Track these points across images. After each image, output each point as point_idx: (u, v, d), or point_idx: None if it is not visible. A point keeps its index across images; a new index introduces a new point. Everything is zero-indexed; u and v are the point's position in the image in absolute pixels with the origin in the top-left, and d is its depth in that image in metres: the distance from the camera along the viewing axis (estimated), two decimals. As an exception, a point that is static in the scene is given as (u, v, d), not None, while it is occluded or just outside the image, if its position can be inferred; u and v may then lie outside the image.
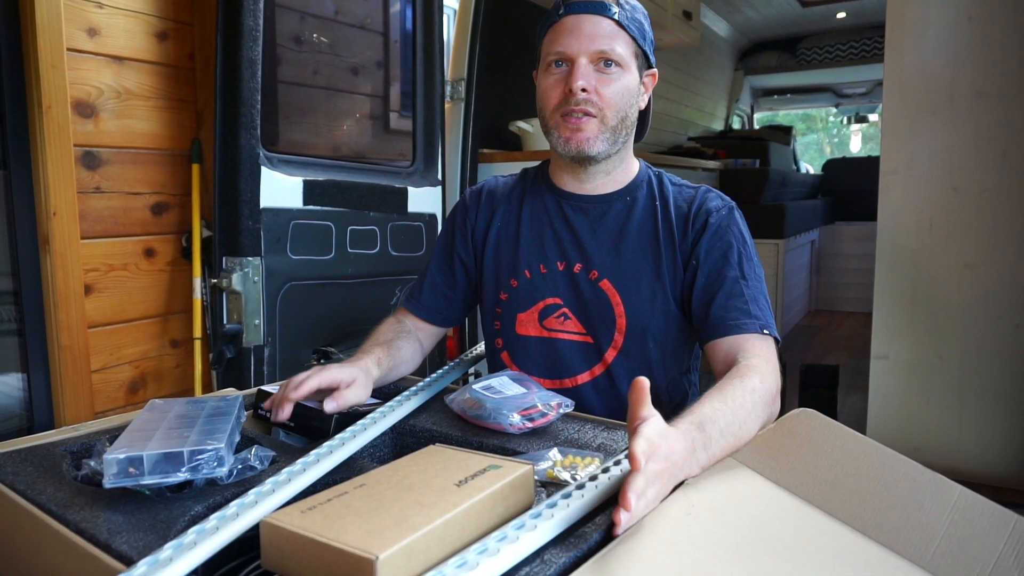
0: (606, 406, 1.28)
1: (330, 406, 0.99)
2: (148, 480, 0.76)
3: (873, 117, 7.54)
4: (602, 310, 1.26)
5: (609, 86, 1.18)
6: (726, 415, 0.89)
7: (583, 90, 1.16)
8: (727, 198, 1.27)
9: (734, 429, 0.89)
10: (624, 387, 1.26)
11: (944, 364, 2.44)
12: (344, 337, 2.12)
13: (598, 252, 1.26)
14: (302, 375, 1.04)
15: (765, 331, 1.12)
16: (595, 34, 1.17)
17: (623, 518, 0.70)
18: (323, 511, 0.67)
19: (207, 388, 2.04)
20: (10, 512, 0.78)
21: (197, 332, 2.00)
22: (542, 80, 1.23)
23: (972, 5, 2.32)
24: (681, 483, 0.81)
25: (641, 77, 1.25)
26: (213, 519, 0.70)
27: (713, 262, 1.20)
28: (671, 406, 1.31)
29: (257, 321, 1.85)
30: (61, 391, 1.77)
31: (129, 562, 0.66)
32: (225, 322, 1.84)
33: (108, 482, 0.75)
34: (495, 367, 1.37)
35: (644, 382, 0.81)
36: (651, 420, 0.79)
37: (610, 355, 1.26)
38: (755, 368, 1.02)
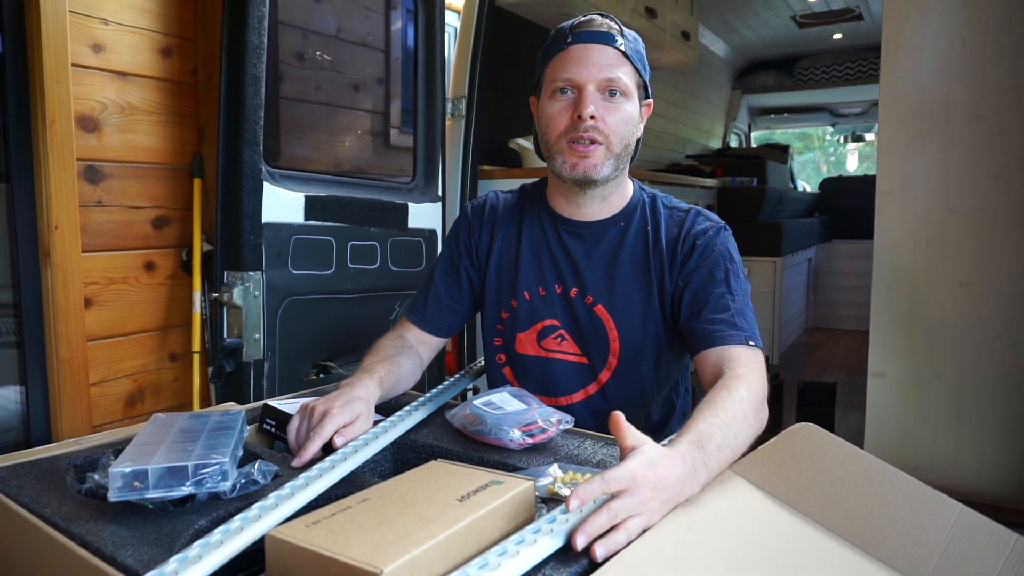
0: (599, 424, 1.29)
1: (340, 441, 0.99)
2: (153, 494, 0.76)
3: (869, 136, 7.60)
4: (597, 334, 1.29)
5: (615, 114, 1.20)
6: (721, 429, 0.91)
7: (592, 116, 1.18)
8: (716, 219, 1.29)
9: (730, 441, 0.91)
10: (616, 405, 1.29)
11: (940, 382, 2.45)
12: (344, 352, 2.12)
13: (593, 278, 1.29)
14: (319, 409, 1.03)
15: (751, 343, 1.13)
16: (603, 63, 1.20)
17: (597, 552, 0.71)
18: (327, 525, 0.67)
19: (205, 402, 2.04)
20: (15, 525, 0.78)
21: (196, 346, 2.01)
22: (547, 106, 1.24)
23: (966, 30, 2.35)
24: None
25: (640, 106, 1.27)
26: (218, 533, 0.70)
27: (700, 279, 1.22)
28: (660, 417, 1.35)
29: (257, 335, 1.86)
30: (59, 404, 1.77)
31: (135, 575, 0.66)
32: (225, 336, 1.84)
33: (113, 496, 0.75)
34: (496, 381, 1.39)
35: (618, 417, 0.82)
36: (636, 452, 0.79)
37: (604, 375, 1.30)
38: (741, 377, 1.04)
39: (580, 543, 0.71)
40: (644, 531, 0.75)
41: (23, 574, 0.79)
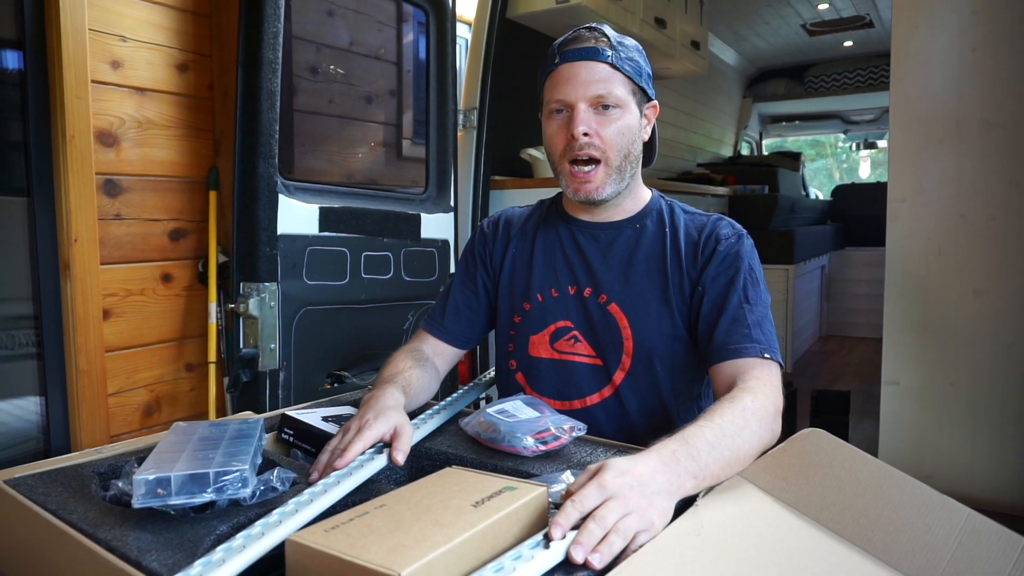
0: (615, 426, 1.30)
1: (400, 458, 0.98)
2: (175, 500, 0.78)
3: (882, 143, 7.58)
4: (610, 333, 1.28)
5: (609, 127, 1.21)
6: (712, 429, 0.90)
7: (585, 134, 1.20)
8: (739, 226, 1.29)
9: (726, 442, 0.90)
10: (632, 408, 1.28)
11: (955, 390, 2.44)
12: (358, 361, 2.14)
13: (607, 277, 1.29)
14: (340, 440, 1.00)
15: (766, 355, 1.12)
16: (590, 80, 1.20)
17: (593, 562, 0.70)
18: (346, 530, 0.69)
19: (221, 412, 2.06)
20: (43, 531, 0.80)
21: (212, 356, 2.03)
22: (546, 126, 1.27)
23: (975, 37, 2.35)
24: (693, 502, 0.83)
25: (641, 112, 1.27)
26: (239, 538, 0.72)
27: (719, 287, 1.21)
28: None
29: (273, 345, 1.88)
30: (78, 414, 1.80)
31: (159, 579, 0.68)
32: (241, 346, 1.87)
33: (137, 502, 0.77)
34: (508, 389, 1.39)
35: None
36: (601, 468, 0.80)
37: (618, 377, 1.28)
38: (749, 389, 1.03)
39: (578, 556, 0.70)
40: (646, 530, 0.75)
41: (50, 579, 0.81)
